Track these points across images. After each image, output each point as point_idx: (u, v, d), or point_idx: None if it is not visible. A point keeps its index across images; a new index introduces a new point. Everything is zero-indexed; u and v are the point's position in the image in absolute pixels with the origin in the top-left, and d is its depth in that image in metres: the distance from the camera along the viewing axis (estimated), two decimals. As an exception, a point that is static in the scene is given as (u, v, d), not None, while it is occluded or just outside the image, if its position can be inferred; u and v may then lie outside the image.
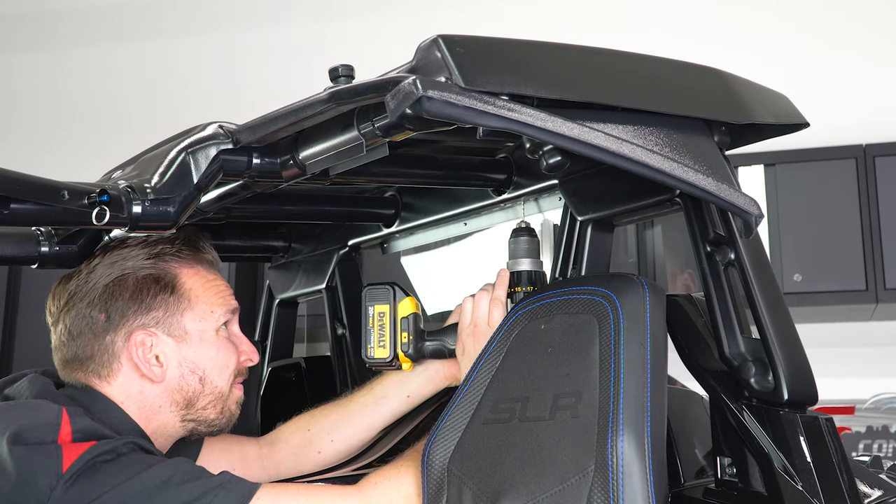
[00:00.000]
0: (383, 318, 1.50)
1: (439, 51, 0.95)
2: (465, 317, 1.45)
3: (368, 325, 1.51)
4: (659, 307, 1.17)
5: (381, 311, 1.50)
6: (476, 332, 1.42)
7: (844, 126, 3.42)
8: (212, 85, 4.48)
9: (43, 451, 1.15)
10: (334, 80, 1.04)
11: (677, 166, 1.03)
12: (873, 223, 3.22)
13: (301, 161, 1.20)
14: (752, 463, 1.14)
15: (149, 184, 1.13)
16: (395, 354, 1.49)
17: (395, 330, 1.50)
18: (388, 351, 1.50)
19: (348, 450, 1.63)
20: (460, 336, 1.45)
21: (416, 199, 1.83)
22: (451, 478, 1.20)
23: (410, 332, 1.49)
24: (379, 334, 1.50)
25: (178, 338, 1.36)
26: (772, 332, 1.13)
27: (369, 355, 1.51)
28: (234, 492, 1.19)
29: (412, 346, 1.49)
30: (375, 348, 1.50)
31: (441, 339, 1.50)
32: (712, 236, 1.21)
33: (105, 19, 4.72)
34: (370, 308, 1.51)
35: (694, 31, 3.90)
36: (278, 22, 4.50)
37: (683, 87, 1.18)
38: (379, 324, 1.50)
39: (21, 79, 4.82)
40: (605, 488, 1.06)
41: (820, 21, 3.81)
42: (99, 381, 1.34)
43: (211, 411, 1.39)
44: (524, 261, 1.46)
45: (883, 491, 1.39)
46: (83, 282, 1.36)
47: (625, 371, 1.11)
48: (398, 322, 1.50)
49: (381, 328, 1.50)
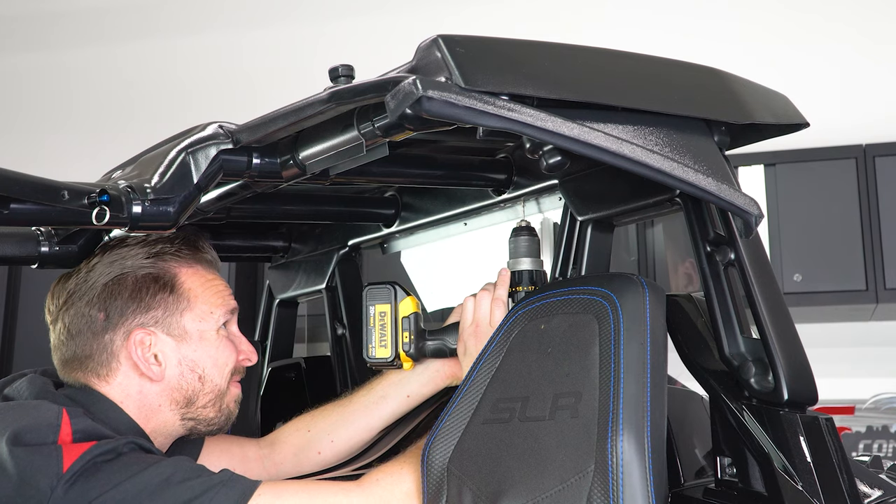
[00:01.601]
0: (384, 317, 1.50)
1: (439, 51, 0.95)
2: (466, 316, 1.45)
3: (370, 325, 1.51)
4: (659, 307, 1.17)
5: (382, 310, 1.51)
6: (478, 331, 1.42)
7: (844, 126, 3.42)
8: (212, 85, 4.48)
9: (43, 452, 1.15)
10: (334, 80, 1.04)
11: (677, 166, 1.03)
12: (873, 223, 3.22)
13: (301, 161, 1.20)
14: (752, 463, 1.14)
15: (149, 184, 1.13)
16: (396, 354, 1.50)
17: (397, 329, 1.50)
18: (390, 350, 1.50)
19: (348, 450, 1.63)
20: (462, 336, 1.45)
21: (416, 199, 1.83)
22: (451, 477, 1.20)
23: (412, 331, 1.49)
24: (380, 334, 1.50)
25: (178, 337, 1.36)
26: (772, 332, 1.13)
27: (371, 355, 1.51)
28: (235, 489, 1.19)
29: (413, 345, 1.49)
30: (377, 348, 1.50)
31: (442, 339, 1.50)
32: (712, 236, 1.21)
33: (105, 19, 4.72)
34: (371, 308, 1.51)
35: (693, 30, 3.90)
36: (278, 22, 4.50)
37: (683, 87, 1.18)
38: (380, 323, 1.50)
39: (21, 79, 4.82)
40: (604, 488, 1.06)
41: (820, 21, 3.81)
42: (98, 380, 1.34)
43: (210, 410, 1.39)
44: (525, 260, 1.46)
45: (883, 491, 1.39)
46: (82, 280, 1.36)
47: (625, 371, 1.11)
48: (399, 321, 1.50)
49: (383, 328, 1.50)
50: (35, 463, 1.14)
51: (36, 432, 1.17)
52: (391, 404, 1.60)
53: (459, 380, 1.44)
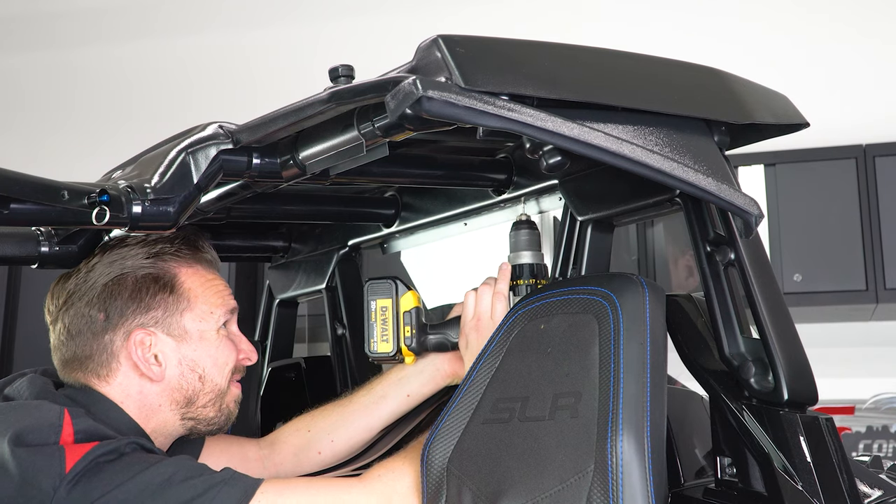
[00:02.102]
0: (386, 312, 1.50)
1: (439, 51, 0.95)
2: (468, 311, 1.45)
3: (371, 320, 1.51)
4: (659, 307, 1.17)
5: (383, 305, 1.51)
6: (479, 325, 1.42)
7: (844, 126, 3.42)
8: (212, 85, 4.48)
9: (45, 453, 1.15)
10: (334, 80, 1.04)
11: (677, 166, 1.03)
12: (873, 223, 3.22)
13: (301, 161, 1.20)
14: (752, 463, 1.14)
15: (149, 184, 1.13)
16: (398, 348, 1.50)
17: (398, 324, 1.50)
18: (392, 345, 1.50)
19: (349, 450, 1.63)
20: (463, 330, 1.45)
21: (416, 199, 1.83)
22: (451, 477, 1.20)
23: (413, 325, 1.49)
24: (382, 328, 1.50)
25: (178, 337, 1.36)
26: (772, 332, 1.13)
27: (372, 349, 1.51)
28: (238, 487, 1.19)
29: (415, 339, 1.49)
30: (378, 342, 1.51)
31: (444, 333, 1.50)
32: (712, 236, 1.21)
33: (105, 19, 4.72)
34: (372, 302, 1.51)
35: (693, 30, 3.90)
36: (278, 22, 4.50)
37: (683, 87, 1.18)
38: (382, 318, 1.50)
39: (21, 79, 4.82)
40: (604, 488, 1.06)
41: (820, 21, 3.80)
42: (98, 380, 1.34)
43: (210, 409, 1.39)
44: (525, 253, 1.47)
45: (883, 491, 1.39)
46: (82, 281, 1.36)
47: (624, 371, 1.11)
48: (401, 316, 1.50)
49: (384, 322, 1.50)
50: (37, 463, 1.15)
51: (38, 433, 1.17)
52: (391, 404, 1.60)
53: (460, 379, 1.44)
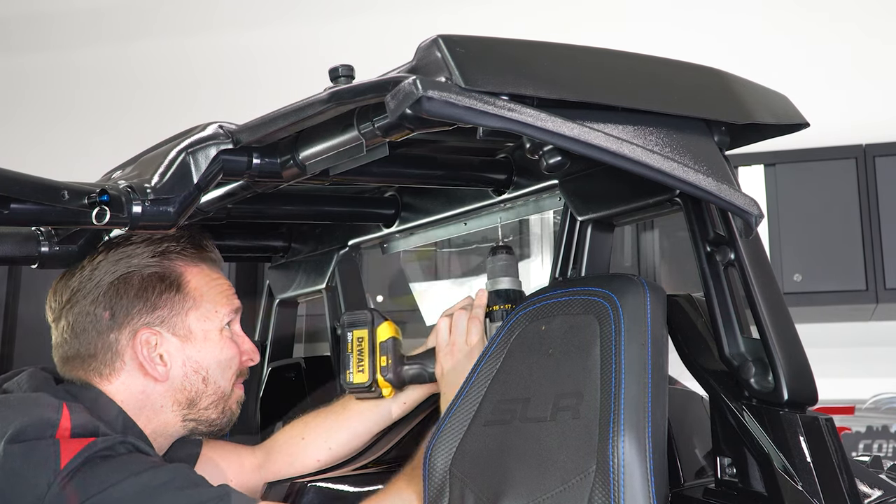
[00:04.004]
0: (362, 342, 1.48)
1: (439, 51, 0.95)
2: (441, 336, 1.44)
3: (347, 351, 1.49)
4: (659, 308, 1.17)
5: (359, 335, 1.49)
6: (454, 350, 1.41)
7: (844, 126, 3.42)
8: (212, 85, 4.48)
9: (41, 447, 1.15)
10: (334, 80, 1.04)
11: (677, 166, 1.03)
12: (873, 223, 3.22)
13: (301, 161, 1.20)
14: (752, 463, 1.14)
15: (149, 184, 1.13)
16: (374, 379, 1.48)
17: (375, 354, 1.48)
18: (368, 375, 1.48)
19: (346, 454, 1.62)
20: (438, 356, 1.44)
21: (416, 199, 1.82)
22: (454, 480, 1.20)
23: (389, 356, 1.48)
24: (358, 359, 1.48)
25: (183, 337, 1.36)
26: (772, 332, 1.13)
27: (348, 381, 1.50)
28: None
29: (391, 370, 1.47)
30: (354, 373, 1.49)
31: (421, 363, 1.49)
32: (712, 236, 1.21)
33: (105, 19, 4.72)
34: (349, 333, 1.50)
35: (693, 30, 3.89)
36: (278, 22, 4.50)
37: (683, 87, 1.18)
38: (358, 349, 1.49)
39: (21, 79, 4.82)
40: (606, 489, 1.06)
41: (821, 21, 3.80)
42: (100, 379, 1.34)
43: (213, 411, 1.39)
44: (503, 279, 1.47)
45: (883, 491, 1.39)
46: (87, 278, 1.35)
47: (625, 372, 1.11)
48: (377, 346, 1.48)
49: (360, 353, 1.48)
50: (32, 458, 1.14)
51: (34, 427, 1.17)
52: (386, 409, 1.59)
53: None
